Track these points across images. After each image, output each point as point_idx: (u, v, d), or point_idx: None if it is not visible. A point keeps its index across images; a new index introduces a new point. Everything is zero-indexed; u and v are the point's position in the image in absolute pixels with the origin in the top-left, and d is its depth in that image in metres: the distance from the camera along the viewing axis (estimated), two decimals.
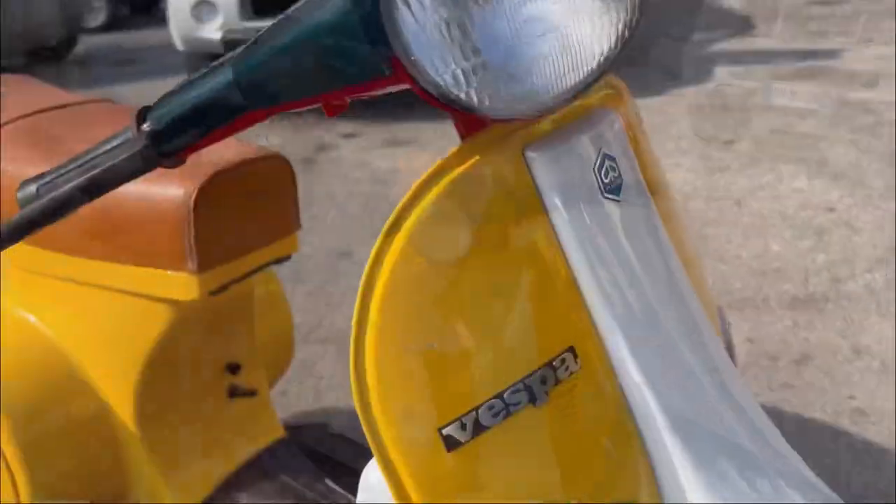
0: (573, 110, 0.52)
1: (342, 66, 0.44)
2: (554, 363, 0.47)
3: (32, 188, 0.55)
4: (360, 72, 0.44)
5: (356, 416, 0.46)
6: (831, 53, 4.72)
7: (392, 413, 0.44)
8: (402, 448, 0.44)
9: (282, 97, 0.47)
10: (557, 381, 0.47)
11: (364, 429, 0.45)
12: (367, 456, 0.57)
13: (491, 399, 0.45)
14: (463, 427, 0.44)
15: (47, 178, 0.55)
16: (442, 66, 0.42)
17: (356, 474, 0.69)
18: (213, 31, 3.72)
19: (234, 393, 1.08)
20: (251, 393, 1.07)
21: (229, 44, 3.73)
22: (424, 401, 0.44)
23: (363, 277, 0.45)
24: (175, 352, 0.92)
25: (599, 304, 0.50)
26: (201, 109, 0.49)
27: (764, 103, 3.91)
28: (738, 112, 3.78)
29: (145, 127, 0.50)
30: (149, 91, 5.01)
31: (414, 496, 0.44)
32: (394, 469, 0.44)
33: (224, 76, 0.48)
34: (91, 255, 0.87)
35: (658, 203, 0.56)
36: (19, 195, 0.56)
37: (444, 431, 0.44)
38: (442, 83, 0.42)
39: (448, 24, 0.41)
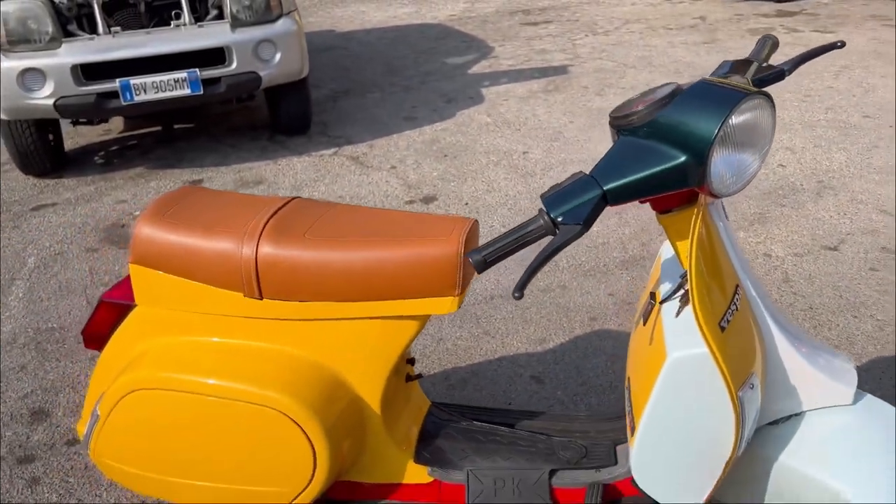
0: None
1: (676, 184, 1.07)
2: (737, 292, 1.16)
3: (480, 256, 1.09)
4: (684, 185, 1.07)
5: None
6: (562, 69, 5.94)
7: (704, 318, 1.10)
8: (710, 332, 1.09)
9: (629, 200, 1.08)
10: (738, 301, 1.16)
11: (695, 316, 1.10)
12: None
13: (727, 309, 1.13)
14: (724, 320, 1.12)
15: (489, 250, 1.09)
16: (729, 185, 1.07)
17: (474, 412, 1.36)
18: (43, 99, 3.72)
19: (409, 378, 1.60)
20: (420, 377, 1.60)
21: (64, 109, 3.78)
22: (712, 309, 1.11)
23: (692, 294, 1.09)
24: (406, 351, 1.44)
25: (737, 264, 1.20)
26: (582, 208, 1.07)
27: (532, 115, 4.91)
28: (518, 125, 4.72)
29: (558, 219, 1.07)
30: None
31: (714, 346, 1.10)
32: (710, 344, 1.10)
33: (593, 191, 1.07)
34: (357, 298, 1.34)
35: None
36: (472, 259, 1.08)
37: (721, 324, 1.11)
38: (726, 189, 1.07)
39: (730, 167, 1.06)
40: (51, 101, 3.74)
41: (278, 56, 4.09)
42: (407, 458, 1.51)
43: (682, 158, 1.05)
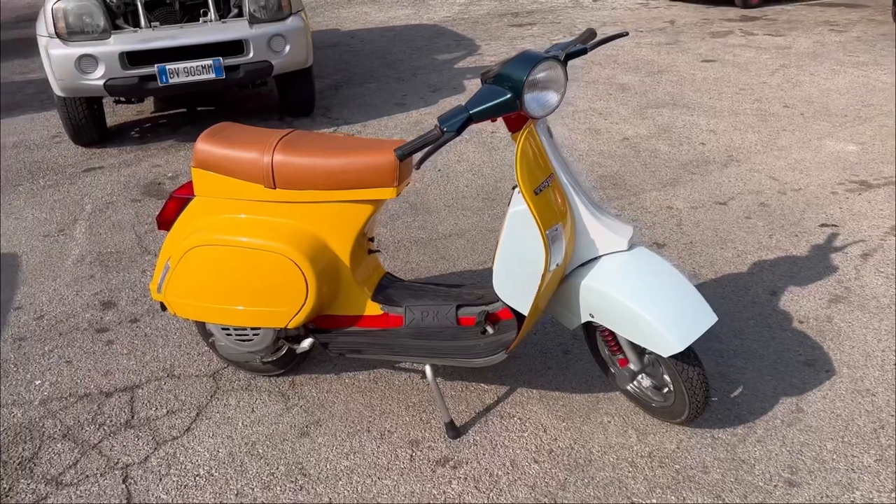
0: None
1: (508, 110, 1.88)
2: (549, 176, 1.98)
3: (400, 152, 1.91)
4: (512, 110, 1.88)
5: None
6: None
7: (523, 186, 1.91)
8: (527, 194, 1.91)
9: (485, 118, 1.90)
10: (551, 183, 1.98)
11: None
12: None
13: (541, 185, 1.95)
14: (539, 189, 1.93)
15: (405, 147, 1.90)
16: (537, 111, 1.89)
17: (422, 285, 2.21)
18: (96, 80, 4.57)
19: (370, 251, 2.43)
20: (378, 251, 2.43)
21: (112, 89, 4.63)
22: (530, 185, 1.92)
23: (517, 173, 1.92)
24: (365, 227, 2.26)
25: (554, 162, 2.02)
26: (458, 123, 1.88)
27: None
28: None
29: (444, 129, 1.88)
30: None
31: (529, 201, 1.92)
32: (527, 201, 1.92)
33: (464, 114, 1.89)
34: (333, 187, 2.16)
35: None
36: (396, 154, 1.90)
37: (536, 191, 1.93)
38: (536, 113, 1.89)
39: (537, 101, 1.88)
40: (101, 82, 4.59)
41: (288, 48, 4.92)
42: (366, 298, 2.33)
43: (509, 95, 1.87)
